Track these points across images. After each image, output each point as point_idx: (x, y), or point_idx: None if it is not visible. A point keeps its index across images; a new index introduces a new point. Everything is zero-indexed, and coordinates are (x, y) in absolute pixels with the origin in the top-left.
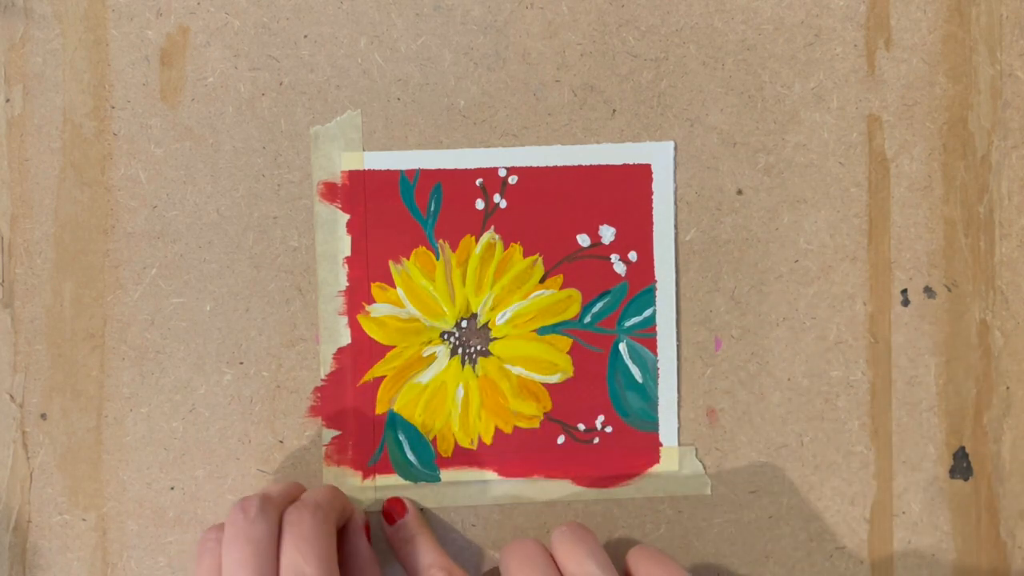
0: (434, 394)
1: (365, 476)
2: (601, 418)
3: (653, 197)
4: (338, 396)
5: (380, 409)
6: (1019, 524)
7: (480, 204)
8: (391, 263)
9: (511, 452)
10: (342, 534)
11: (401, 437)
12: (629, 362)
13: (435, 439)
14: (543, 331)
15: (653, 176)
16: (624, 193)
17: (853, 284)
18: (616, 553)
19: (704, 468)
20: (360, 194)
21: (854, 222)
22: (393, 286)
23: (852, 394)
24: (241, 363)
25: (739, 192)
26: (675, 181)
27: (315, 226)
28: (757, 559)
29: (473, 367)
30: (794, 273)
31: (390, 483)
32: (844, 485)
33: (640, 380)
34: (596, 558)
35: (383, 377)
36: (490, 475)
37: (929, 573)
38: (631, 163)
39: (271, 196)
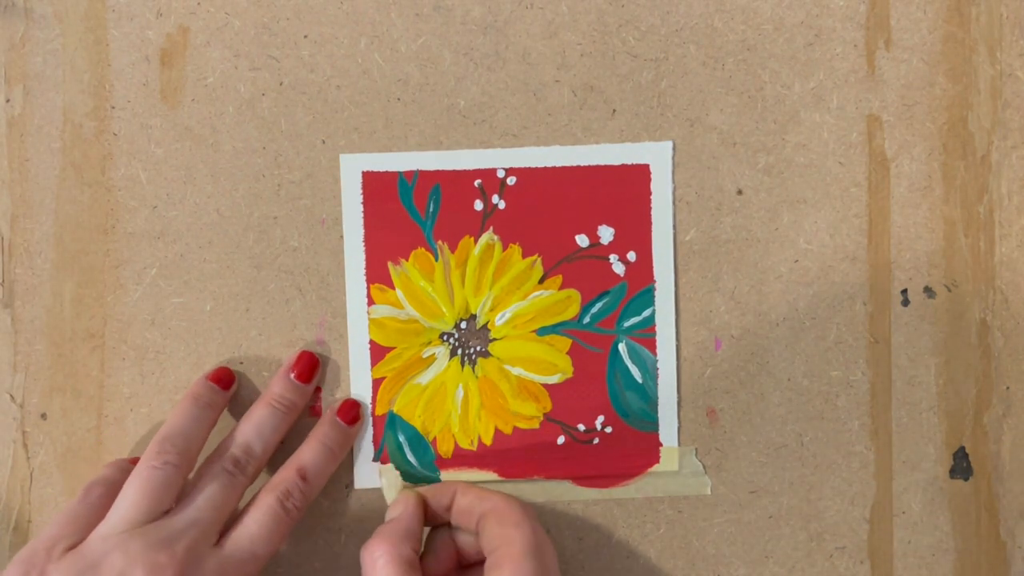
0: (434, 395)
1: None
2: (601, 418)
3: (652, 197)
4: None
5: (380, 410)
6: (1019, 524)
7: (479, 205)
8: (390, 264)
9: (511, 453)
10: None
11: (401, 438)
12: (629, 362)
13: (435, 440)
14: (543, 331)
15: (652, 176)
16: (623, 193)
17: (853, 284)
18: (618, 553)
19: (704, 468)
20: (359, 195)
21: (854, 222)
22: (392, 287)
23: (852, 394)
24: (241, 363)
25: (739, 192)
26: (674, 181)
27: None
28: (757, 559)
29: (473, 368)
30: (794, 273)
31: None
32: (844, 485)
33: (640, 380)
34: None
35: (383, 378)
36: (490, 475)
37: (929, 573)
38: (630, 163)
39: (271, 196)
